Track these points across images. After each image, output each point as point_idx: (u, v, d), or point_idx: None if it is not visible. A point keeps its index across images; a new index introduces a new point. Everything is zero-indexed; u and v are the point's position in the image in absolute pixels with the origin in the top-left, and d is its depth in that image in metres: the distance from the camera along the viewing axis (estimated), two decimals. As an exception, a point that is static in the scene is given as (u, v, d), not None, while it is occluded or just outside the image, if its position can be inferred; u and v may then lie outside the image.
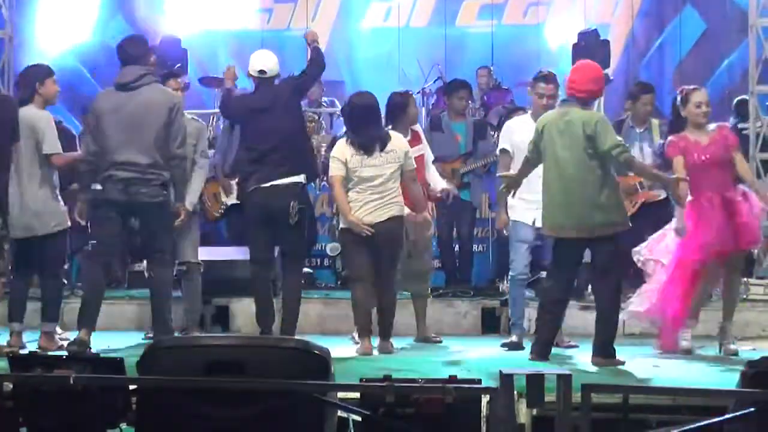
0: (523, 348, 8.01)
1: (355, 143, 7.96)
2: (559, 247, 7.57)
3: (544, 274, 8.15)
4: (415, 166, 8.13)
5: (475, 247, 10.69)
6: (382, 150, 7.94)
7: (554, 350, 7.89)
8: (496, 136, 10.17)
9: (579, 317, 8.81)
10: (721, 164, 7.92)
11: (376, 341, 8.01)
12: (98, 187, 7.80)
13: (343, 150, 8.02)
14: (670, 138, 8.17)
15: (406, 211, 8.10)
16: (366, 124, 8.01)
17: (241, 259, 9.10)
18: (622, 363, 7.31)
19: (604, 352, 7.42)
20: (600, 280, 7.51)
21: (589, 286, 8.41)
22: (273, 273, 8.83)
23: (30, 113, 7.97)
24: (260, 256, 8.44)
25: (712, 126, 8.07)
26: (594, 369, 7.18)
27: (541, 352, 7.50)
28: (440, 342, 8.65)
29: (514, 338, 8.26)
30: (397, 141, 8.07)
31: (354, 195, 7.95)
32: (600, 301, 7.55)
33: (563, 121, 7.48)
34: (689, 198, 7.86)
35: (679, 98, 8.14)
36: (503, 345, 8.24)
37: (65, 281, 8.31)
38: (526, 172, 7.72)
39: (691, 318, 7.98)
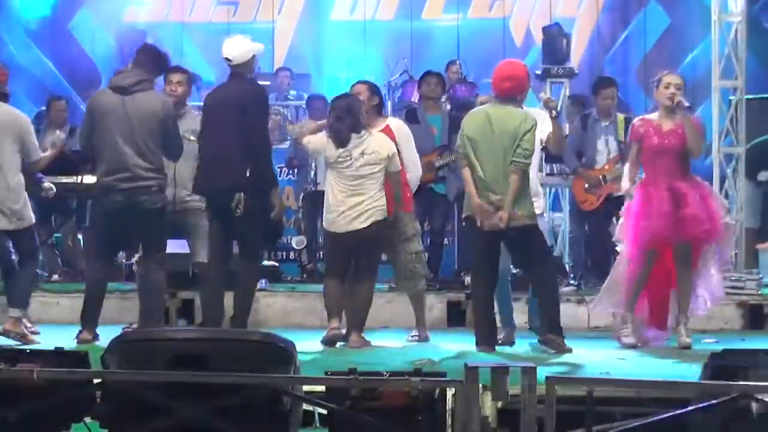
0: (513, 344, 8.01)
1: (333, 139, 8.04)
2: (476, 237, 7.69)
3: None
4: (400, 168, 8.11)
5: (446, 240, 10.71)
6: (364, 153, 7.96)
7: (518, 343, 7.98)
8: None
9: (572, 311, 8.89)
10: (676, 153, 7.88)
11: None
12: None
13: (323, 142, 8.12)
14: (634, 120, 8.21)
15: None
16: (340, 122, 8.05)
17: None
18: (570, 350, 7.55)
19: (555, 330, 7.58)
20: (529, 267, 7.75)
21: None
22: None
23: (13, 113, 8.09)
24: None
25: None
26: (559, 362, 7.21)
27: (488, 342, 7.62)
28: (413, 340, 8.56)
29: (502, 335, 8.01)
30: (381, 143, 8.06)
31: (334, 194, 8.02)
32: (540, 285, 7.71)
33: (496, 113, 7.65)
34: (640, 180, 7.99)
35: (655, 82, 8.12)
36: None
37: (38, 270, 8.34)
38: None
39: (626, 311, 7.94)
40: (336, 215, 8.04)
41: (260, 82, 12.22)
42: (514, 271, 8.27)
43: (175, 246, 8.84)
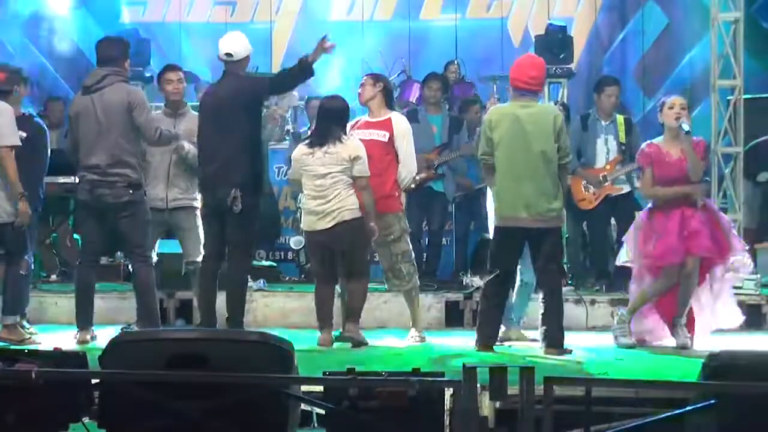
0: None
1: (309, 142, 8.10)
2: (503, 239, 7.69)
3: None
4: (368, 174, 8.02)
5: (444, 240, 10.70)
6: (327, 152, 7.95)
7: (516, 344, 7.98)
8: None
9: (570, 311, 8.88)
10: (685, 182, 7.87)
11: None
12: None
13: (297, 149, 8.22)
14: (642, 146, 8.18)
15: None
16: (323, 125, 8.07)
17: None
18: (570, 352, 7.54)
19: (557, 342, 7.57)
20: (546, 271, 7.66)
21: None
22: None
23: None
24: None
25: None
26: (557, 362, 7.21)
27: (488, 342, 7.64)
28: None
29: (500, 335, 7.99)
30: (347, 146, 8.00)
31: (305, 196, 8.10)
32: (547, 292, 7.68)
33: (525, 113, 7.56)
34: (651, 204, 8.02)
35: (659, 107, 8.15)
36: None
37: (22, 273, 8.20)
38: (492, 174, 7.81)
39: (628, 312, 8.00)
40: (303, 215, 8.18)
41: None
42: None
43: (168, 246, 8.86)
